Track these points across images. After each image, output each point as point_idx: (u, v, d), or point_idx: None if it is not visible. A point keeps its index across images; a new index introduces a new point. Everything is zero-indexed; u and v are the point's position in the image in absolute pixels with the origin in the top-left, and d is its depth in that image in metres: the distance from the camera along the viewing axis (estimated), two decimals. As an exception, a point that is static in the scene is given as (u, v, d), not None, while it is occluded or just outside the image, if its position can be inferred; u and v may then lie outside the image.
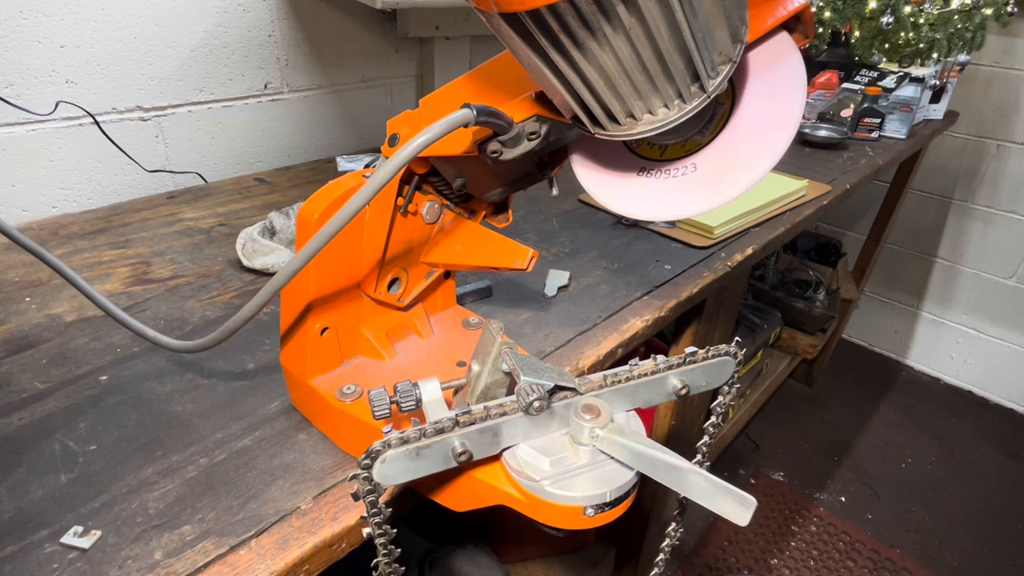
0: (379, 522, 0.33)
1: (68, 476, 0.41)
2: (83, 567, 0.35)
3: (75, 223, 0.81)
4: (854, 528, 1.57)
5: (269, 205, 0.89)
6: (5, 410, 0.47)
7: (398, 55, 1.22)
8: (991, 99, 1.80)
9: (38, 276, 0.67)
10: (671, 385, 0.36)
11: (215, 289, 0.66)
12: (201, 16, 0.92)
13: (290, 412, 0.48)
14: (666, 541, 0.45)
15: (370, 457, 0.30)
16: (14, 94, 0.78)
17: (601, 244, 0.81)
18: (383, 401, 0.36)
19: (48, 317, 0.60)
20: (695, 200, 0.36)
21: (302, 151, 1.14)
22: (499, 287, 0.69)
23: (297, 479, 0.41)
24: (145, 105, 0.91)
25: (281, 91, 1.06)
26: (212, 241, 0.77)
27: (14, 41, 0.76)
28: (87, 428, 0.46)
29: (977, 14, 1.34)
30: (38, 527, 0.37)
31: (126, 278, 0.68)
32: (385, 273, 0.46)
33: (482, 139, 0.36)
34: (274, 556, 0.36)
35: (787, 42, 0.34)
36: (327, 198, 0.39)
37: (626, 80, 0.30)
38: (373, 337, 0.46)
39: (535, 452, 0.34)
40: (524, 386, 0.33)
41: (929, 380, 2.19)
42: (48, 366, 0.52)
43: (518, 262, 0.45)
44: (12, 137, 0.80)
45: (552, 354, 0.58)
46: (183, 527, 0.37)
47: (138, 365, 0.53)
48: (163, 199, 0.90)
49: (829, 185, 1.05)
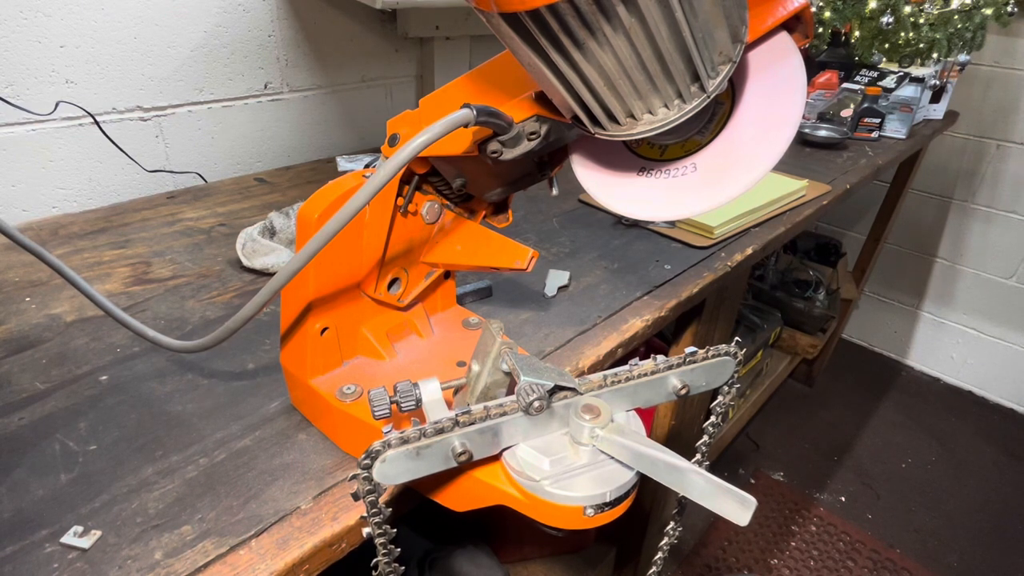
0: (379, 522, 0.33)
1: (68, 476, 0.41)
2: (83, 567, 0.35)
3: (75, 223, 0.81)
4: (854, 528, 1.58)
5: (269, 205, 0.89)
6: (5, 410, 0.47)
7: (398, 55, 1.22)
8: (991, 99, 1.81)
9: (38, 276, 0.67)
10: (671, 385, 0.36)
11: (215, 289, 0.66)
12: (201, 16, 0.92)
13: (290, 412, 0.48)
14: (665, 540, 0.45)
15: (370, 457, 0.30)
16: (14, 94, 0.78)
17: (601, 244, 0.81)
18: (383, 401, 0.36)
19: (48, 317, 0.60)
20: (695, 200, 0.36)
21: (302, 151, 1.14)
22: (499, 287, 0.69)
23: (297, 479, 0.41)
24: (145, 105, 0.91)
25: (281, 91, 1.07)
26: (212, 241, 0.77)
27: (14, 41, 0.76)
28: (87, 428, 0.46)
29: (977, 14, 1.34)
30: (38, 527, 0.37)
31: (126, 278, 0.68)
32: (385, 273, 0.46)
33: (482, 139, 0.36)
34: (274, 556, 0.36)
35: (787, 42, 0.34)
36: (327, 198, 0.39)
37: (626, 80, 0.30)
38: (373, 337, 0.46)
39: (535, 452, 0.34)
40: (524, 386, 0.33)
41: (929, 380, 2.19)
42: (48, 366, 0.53)
43: (518, 262, 0.45)
44: (12, 137, 0.80)
45: (552, 354, 0.58)
46: (183, 527, 0.38)
47: (138, 365, 0.53)
48: (163, 199, 0.90)
49: (829, 185, 1.05)
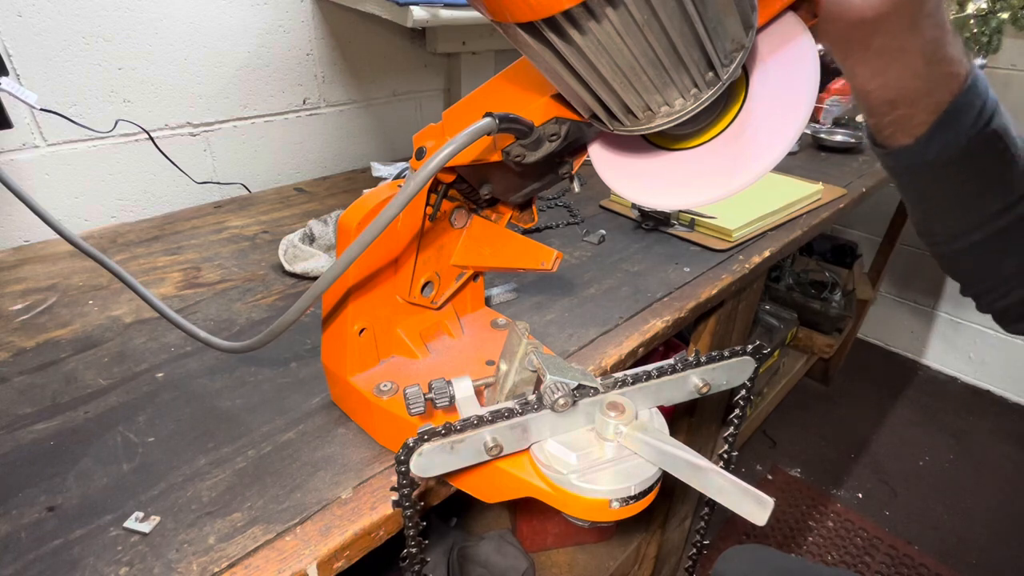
0: (410, 514, 0.34)
1: (129, 465, 0.44)
2: (144, 550, 0.37)
3: (132, 231, 0.86)
4: (872, 524, 1.55)
5: (308, 213, 0.93)
6: (72, 404, 0.50)
7: (427, 70, 1.26)
8: (1008, 101, 1.74)
9: (99, 281, 0.71)
10: (692, 383, 0.37)
11: (260, 292, 0.69)
12: (245, 37, 0.97)
13: (330, 408, 0.50)
14: (697, 538, 0.45)
15: (408, 450, 0.32)
16: (77, 113, 0.84)
17: (622, 248, 0.82)
18: (419, 399, 0.37)
19: (109, 319, 0.64)
20: (717, 185, 0.35)
21: (338, 162, 1.18)
22: (524, 289, 0.71)
23: (338, 470, 0.43)
24: (194, 121, 0.96)
25: (319, 106, 1.11)
26: (256, 247, 0.81)
27: (77, 64, 0.82)
28: (145, 421, 0.48)
29: (994, 18, 1.32)
30: (103, 512, 0.40)
31: (178, 282, 0.72)
32: (418, 277, 0.48)
33: (505, 145, 0.37)
34: (318, 542, 0.37)
35: (795, 22, 0.34)
36: (366, 206, 0.41)
37: (642, 75, 0.30)
38: (407, 337, 0.48)
39: (562, 447, 0.35)
40: (550, 384, 0.34)
41: (946, 379, 2.13)
42: (110, 364, 0.56)
43: (543, 263, 0.46)
44: (75, 153, 0.86)
45: (576, 353, 0.59)
46: (234, 514, 0.39)
47: (191, 363, 0.56)
48: (211, 208, 0.95)
49: (845, 188, 1.05)
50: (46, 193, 0.85)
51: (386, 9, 0.90)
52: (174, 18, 0.88)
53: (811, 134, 1.36)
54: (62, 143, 0.84)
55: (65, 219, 0.88)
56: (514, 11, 0.27)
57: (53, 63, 0.80)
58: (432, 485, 0.43)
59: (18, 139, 0.80)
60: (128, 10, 0.84)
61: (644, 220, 0.88)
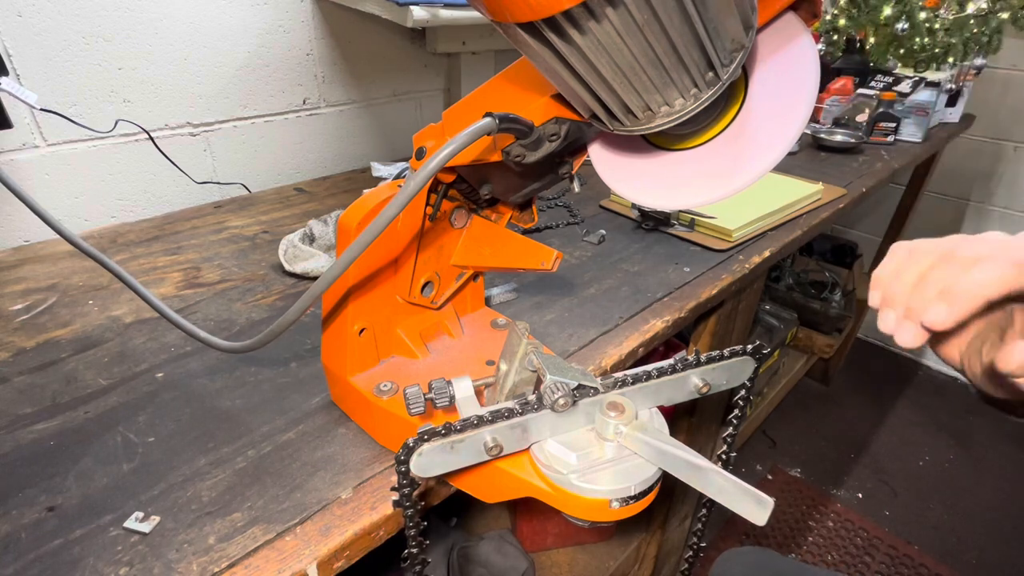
0: (411, 514, 0.34)
1: (129, 465, 0.44)
2: (144, 550, 0.37)
3: (132, 231, 0.86)
4: (871, 524, 1.55)
5: (308, 213, 0.93)
6: (72, 404, 0.50)
7: (427, 70, 1.26)
8: (1008, 102, 1.78)
9: (99, 281, 0.71)
10: (692, 384, 0.37)
11: (260, 292, 0.69)
12: (245, 38, 0.97)
13: (330, 408, 0.50)
14: (693, 540, 0.45)
15: (408, 450, 0.32)
16: (77, 113, 0.84)
17: (622, 248, 0.82)
18: (419, 398, 0.37)
19: (109, 319, 0.64)
20: (716, 185, 0.35)
21: (338, 162, 1.19)
22: (524, 289, 0.71)
23: (338, 470, 0.43)
24: (194, 121, 0.96)
25: (319, 106, 1.11)
26: (256, 247, 0.81)
27: (77, 65, 0.82)
28: (145, 421, 0.48)
29: (994, 18, 1.32)
30: (103, 512, 0.40)
31: (178, 282, 0.72)
32: (418, 277, 0.48)
33: (505, 145, 0.37)
34: (318, 542, 0.38)
35: (795, 21, 0.34)
36: (366, 206, 0.41)
37: (642, 74, 0.30)
38: (407, 337, 0.48)
39: (562, 447, 0.35)
40: (550, 384, 0.34)
41: (946, 379, 2.14)
42: (110, 364, 0.56)
43: (543, 263, 0.46)
44: (75, 153, 0.86)
45: (576, 353, 0.59)
46: (234, 514, 0.39)
47: (191, 363, 0.56)
48: (211, 208, 0.95)
49: (845, 188, 1.05)
50: (46, 193, 0.85)
51: (386, 9, 0.90)
52: (174, 18, 0.88)
53: (811, 134, 1.36)
54: (62, 143, 0.84)
55: (65, 219, 0.88)
56: (514, 11, 0.27)
57: (53, 63, 0.80)
58: (432, 485, 0.43)
59: (18, 139, 0.80)
60: (128, 10, 0.84)
61: (644, 220, 0.89)
